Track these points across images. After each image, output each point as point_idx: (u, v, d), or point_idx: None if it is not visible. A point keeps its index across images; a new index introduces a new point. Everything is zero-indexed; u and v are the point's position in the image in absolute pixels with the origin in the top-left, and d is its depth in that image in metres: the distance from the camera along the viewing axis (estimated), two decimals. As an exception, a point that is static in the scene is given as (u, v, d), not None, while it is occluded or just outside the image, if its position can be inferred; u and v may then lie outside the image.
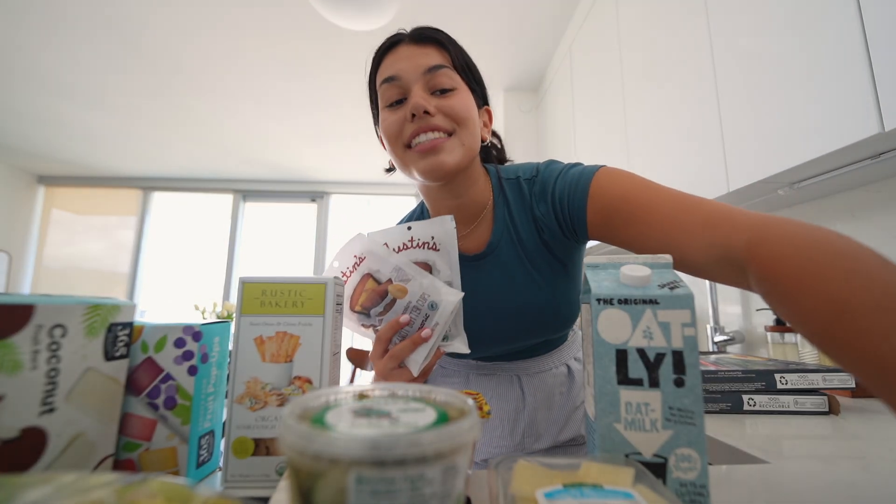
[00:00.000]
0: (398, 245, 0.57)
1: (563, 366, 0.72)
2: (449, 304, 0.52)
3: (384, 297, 0.53)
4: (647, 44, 1.39)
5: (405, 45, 0.57)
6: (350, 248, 0.56)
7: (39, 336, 0.30)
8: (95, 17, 2.05)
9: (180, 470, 0.39)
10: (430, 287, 0.53)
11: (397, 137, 0.56)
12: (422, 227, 0.56)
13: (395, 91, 0.56)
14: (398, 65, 0.55)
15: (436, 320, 0.52)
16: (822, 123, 0.75)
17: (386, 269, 0.54)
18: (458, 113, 0.55)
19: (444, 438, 0.18)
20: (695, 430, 0.30)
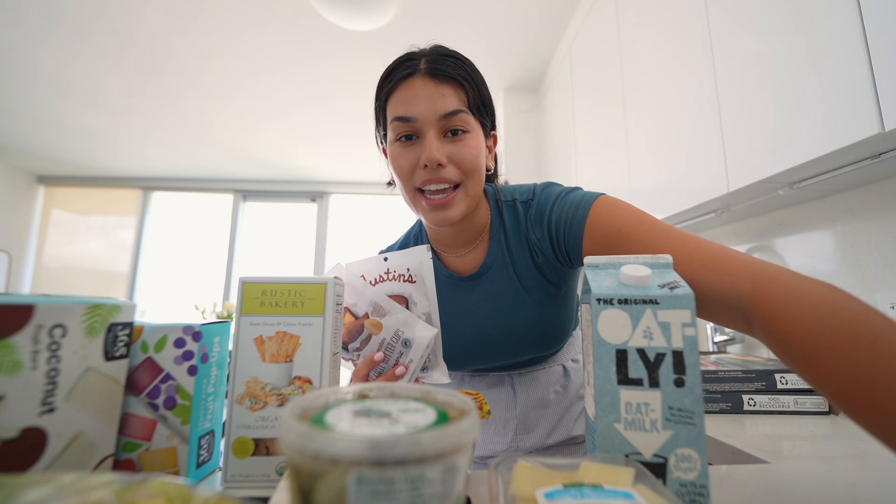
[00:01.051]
0: (375, 277, 0.56)
1: (559, 366, 0.72)
2: (423, 339, 0.52)
3: (361, 331, 0.53)
4: (646, 44, 1.39)
5: (421, 78, 0.55)
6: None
7: (39, 336, 0.30)
8: (96, 17, 2.05)
9: (180, 470, 0.39)
10: (405, 323, 0.52)
11: (408, 179, 0.57)
12: (398, 258, 0.56)
13: (408, 129, 0.55)
14: (414, 105, 0.54)
15: (410, 357, 0.51)
16: (822, 123, 0.75)
17: (362, 303, 0.53)
18: (468, 164, 0.56)
19: (445, 438, 0.18)
20: (695, 431, 0.30)
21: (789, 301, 0.35)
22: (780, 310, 0.35)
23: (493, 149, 0.66)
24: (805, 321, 0.33)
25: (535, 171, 2.71)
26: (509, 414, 0.69)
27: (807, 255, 1.12)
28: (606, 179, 1.72)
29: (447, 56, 0.57)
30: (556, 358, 0.73)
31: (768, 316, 0.36)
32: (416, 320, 0.53)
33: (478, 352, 0.65)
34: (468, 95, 0.57)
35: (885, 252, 0.92)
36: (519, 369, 0.71)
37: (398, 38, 2.20)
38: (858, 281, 0.98)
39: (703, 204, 1.12)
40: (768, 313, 0.36)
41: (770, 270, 0.39)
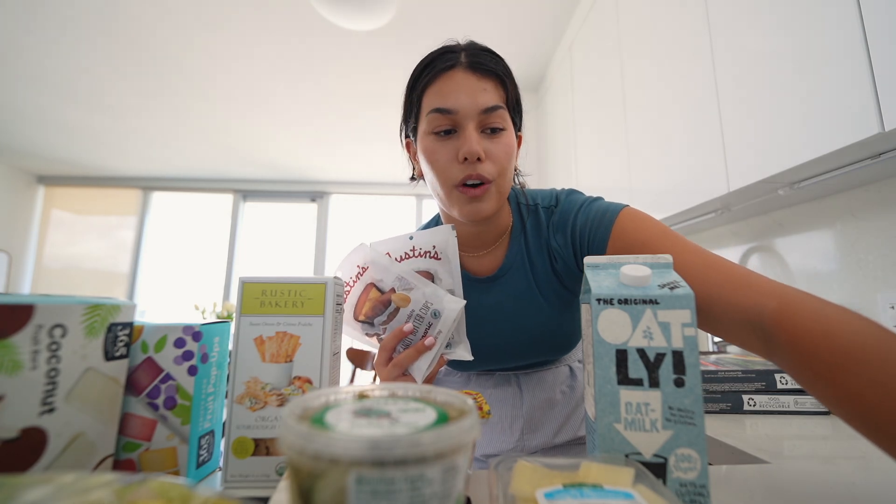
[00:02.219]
0: (400, 255, 0.57)
1: (565, 366, 0.73)
2: (452, 311, 0.52)
3: (387, 306, 0.54)
4: (647, 44, 1.39)
5: (462, 71, 0.55)
6: (353, 258, 0.56)
7: (39, 336, 0.30)
8: (96, 17, 2.05)
9: (180, 470, 0.39)
10: (433, 295, 0.53)
11: (446, 172, 0.55)
12: (423, 236, 0.57)
13: (447, 122, 0.54)
14: (456, 97, 0.53)
15: (439, 328, 0.52)
16: (823, 123, 0.75)
17: (389, 279, 0.54)
18: (503, 161, 0.55)
19: (444, 438, 0.18)
20: (695, 431, 0.30)
21: (816, 317, 0.35)
22: (807, 325, 0.35)
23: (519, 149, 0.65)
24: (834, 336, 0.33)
25: (536, 171, 2.71)
26: (516, 413, 0.69)
27: (807, 255, 1.12)
28: (607, 179, 1.72)
29: (487, 51, 0.57)
30: (564, 359, 0.73)
31: (795, 331, 0.35)
32: (443, 293, 0.53)
33: (490, 353, 0.65)
34: (507, 92, 0.57)
35: (885, 252, 0.92)
36: (526, 370, 0.71)
37: (398, 38, 2.20)
38: (858, 281, 0.98)
39: (703, 204, 1.12)
40: (795, 328, 0.35)
41: (794, 291, 0.39)
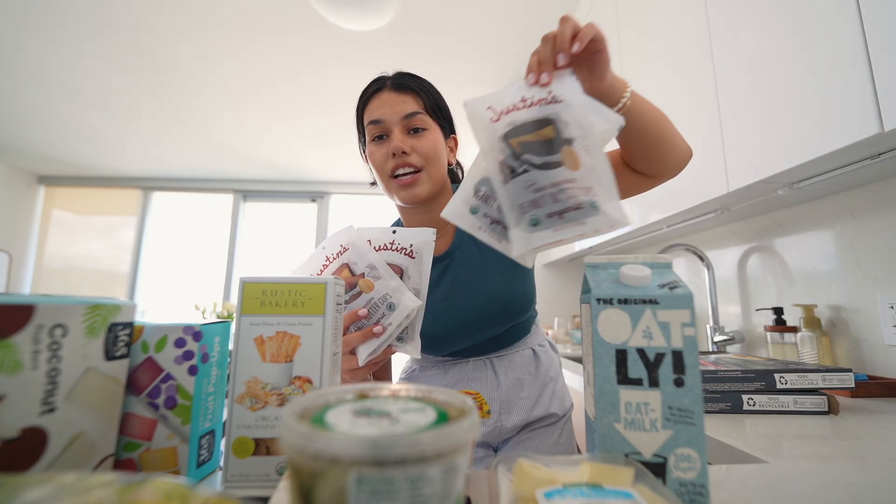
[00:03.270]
0: (380, 244, 0.62)
1: (528, 349, 0.81)
2: (405, 308, 0.57)
3: (353, 287, 0.59)
4: (646, 44, 1.39)
5: (388, 91, 0.71)
6: (339, 237, 0.62)
7: (40, 336, 0.30)
8: (96, 17, 2.05)
9: (181, 470, 0.39)
10: (395, 290, 0.58)
11: (382, 168, 0.70)
12: (405, 234, 0.62)
13: (379, 129, 0.70)
14: (382, 110, 0.69)
15: (390, 320, 0.57)
16: (822, 123, 0.75)
17: (362, 264, 0.60)
18: (428, 153, 0.70)
19: (444, 438, 0.18)
20: (694, 430, 0.30)
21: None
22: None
23: (455, 150, 0.80)
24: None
25: (535, 171, 2.71)
26: (492, 395, 0.76)
27: (806, 255, 1.12)
28: (606, 179, 1.72)
29: (407, 75, 0.73)
30: (526, 342, 0.81)
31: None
32: (405, 290, 0.59)
33: (458, 326, 0.73)
34: (424, 101, 0.72)
35: (884, 252, 0.93)
36: (496, 351, 0.78)
37: (398, 39, 2.20)
38: (858, 281, 0.98)
39: (702, 204, 1.12)
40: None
41: None
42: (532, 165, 0.46)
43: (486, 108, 0.48)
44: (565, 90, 0.47)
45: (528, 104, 0.47)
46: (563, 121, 0.46)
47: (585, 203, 0.44)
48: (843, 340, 1.01)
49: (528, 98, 0.48)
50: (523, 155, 0.46)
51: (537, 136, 0.46)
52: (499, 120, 0.48)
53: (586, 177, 0.45)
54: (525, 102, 0.47)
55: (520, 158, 0.46)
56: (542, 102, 0.47)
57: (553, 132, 0.46)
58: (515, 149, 0.46)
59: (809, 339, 1.01)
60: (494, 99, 0.49)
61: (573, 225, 0.44)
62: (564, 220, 0.45)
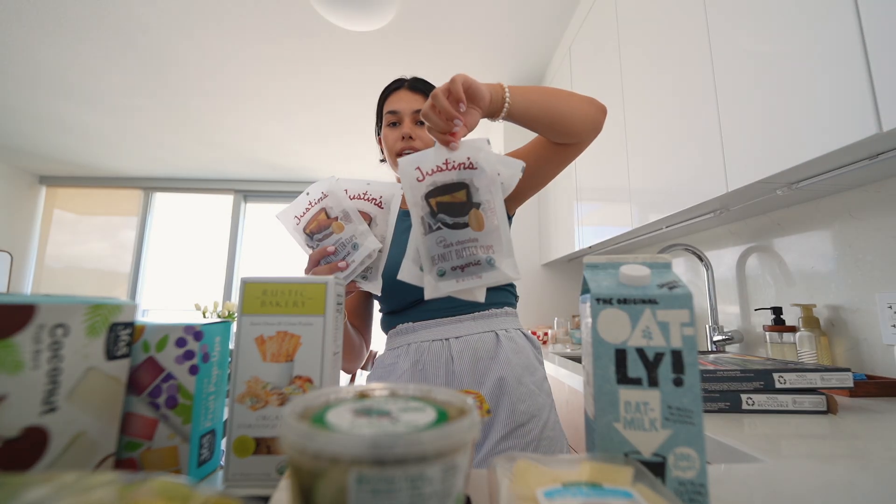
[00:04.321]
0: (354, 194, 0.71)
1: (491, 332, 0.80)
2: (366, 248, 0.67)
3: (326, 228, 0.68)
4: (646, 44, 1.39)
5: (405, 90, 0.89)
6: (321, 185, 0.71)
7: (41, 336, 0.30)
8: (97, 17, 2.05)
9: (181, 469, 0.39)
10: (361, 233, 0.68)
11: (392, 147, 0.86)
12: (377, 186, 0.71)
13: (395, 118, 0.87)
14: (399, 104, 0.87)
15: (353, 258, 0.67)
16: (821, 124, 0.76)
17: (337, 209, 0.69)
18: (428, 141, 0.84)
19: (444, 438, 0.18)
20: (694, 430, 0.31)
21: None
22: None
23: None
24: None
25: (535, 171, 2.71)
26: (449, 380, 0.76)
27: (805, 254, 1.12)
28: (606, 179, 1.72)
29: (421, 80, 0.91)
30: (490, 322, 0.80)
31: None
32: (370, 234, 0.68)
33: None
34: None
35: (883, 252, 0.93)
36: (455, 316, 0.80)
37: (398, 39, 2.20)
38: (856, 281, 0.98)
39: (701, 204, 1.12)
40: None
41: None
42: (444, 224, 0.54)
43: (415, 167, 0.57)
44: (480, 156, 0.55)
45: (450, 167, 0.55)
46: (475, 186, 0.54)
47: (483, 260, 0.53)
48: (842, 340, 1.01)
49: (451, 161, 0.56)
50: (438, 214, 0.55)
51: (452, 199, 0.55)
52: (423, 180, 0.56)
53: (488, 236, 0.53)
54: (448, 165, 0.56)
55: (436, 217, 0.55)
56: (461, 167, 0.55)
57: (465, 196, 0.54)
58: (433, 208, 0.55)
59: (808, 338, 1.01)
60: (423, 159, 0.57)
61: (472, 278, 0.53)
62: (465, 273, 0.53)
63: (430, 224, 0.55)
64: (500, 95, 0.63)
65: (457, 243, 0.54)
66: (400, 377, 0.78)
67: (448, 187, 0.55)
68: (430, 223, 0.55)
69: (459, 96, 0.55)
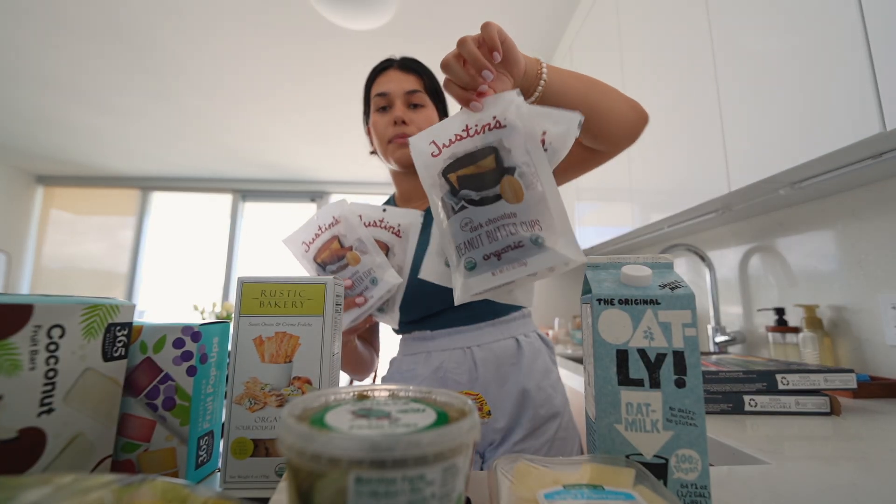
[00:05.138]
0: (369, 221, 0.66)
1: (511, 339, 0.77)
2: (387, 284, 0.62)
3: (341, 259, 0.63)
4: (647, 44, 1.39)
5: (394, 69, 0.81)
6: (331, 209, 0.66)
7: (38, 336, 0.30)
8: (95, 17, 2.05)
9: (179, 471, 0.39)
10: (379, 266, 0.63)
11: (382, 134, 0.79)
12: (394, 213, 0.66)
13: (384, 101, 0.79)
14: (388, 85, 0.79)
15: (372, 293, 0.62)
16: (824, 123, 0.75)
17: (351, 237, 0.64)
18: (422, 125, 0.78)
19: (444, 439, 0.18)
20: (696, 431, 0.30)
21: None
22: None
23: None
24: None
25: (536, 172, 2.71)
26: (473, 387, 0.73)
27: (808, 254, 1.11)
28: (607, 180, 1.72)
29: (412, 59, 0.84)
30: (508, 327, 0.77)
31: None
32: (388, 267, 0.63)
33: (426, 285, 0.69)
34: (425, 82, 0.82)
35: (886, 252, 0.92)
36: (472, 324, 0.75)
37: (398, 38, 2.20)
38: (859, 281, 0.98)
39: (703, 204, 1.12)
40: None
41: None
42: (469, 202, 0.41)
43: (429, 142, 0.45)
44: (509, 111, 0.42)
45: (472, 132, 0.43)
46: (505, 148, 0.41)
47: (526, 240, 0.39)
48: (845, 341, 1.01)
49: (472, 126, 0.43)
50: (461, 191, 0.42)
51: (476, 169, 0.42)
52: (439, 154, 0.44)
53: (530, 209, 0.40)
54: (468, 131, 0.43)
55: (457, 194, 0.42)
56: (486, 129, 0.42)
57: (493, 162, 0.41)
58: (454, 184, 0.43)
59: (811, 339, 1.01)
60: (438, 131, 0.45)
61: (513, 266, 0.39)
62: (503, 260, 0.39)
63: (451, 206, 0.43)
64: (536, 71, 0.51)
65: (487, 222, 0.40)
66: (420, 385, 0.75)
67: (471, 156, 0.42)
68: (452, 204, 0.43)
69: (495, 44, 0.44)
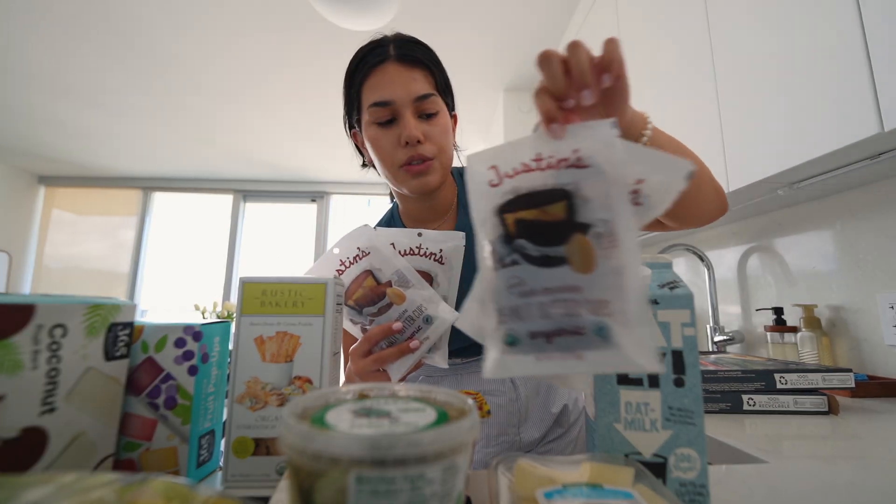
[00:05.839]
0: (405, 248, 0.55)
1: None
2: (444, 322, 0.51)
3: (381, 298, 0.52)
4: (646, 44, 1.39)
5: (393, 64, 0.60)
6: (355, 239, 0.55)
7: (40, 336, 0.30)
8: (97, 17, 2.05)
9: (180, 470, 0.39)
10: (429, 300, 0.52)
11: (390, 157, 0.61)
12: (433, 237, 0.56)
13: (387, 113, 0.60)
14: (390, 89, 0.59)
15: (427, 334, 0.51)
16: (822, 124, 0.75)
17: (388, 271, 0.53)
18: (440, 139, 0.62)
19: (444, 438, 0.18)
20: (694, 430, 0.30)
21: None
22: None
23: (455, 127, 0.72)
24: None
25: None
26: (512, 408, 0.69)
27: (806, 254, 1.12)
28: (606, 179, 1.72)
29: (413, 42, 0.63)
30: None
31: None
32: (439, 300, 0.52)
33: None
34: (436, 79, 0.64)
35: (884, 252, 0.93)
36: None
37: (398, 38, 2.20)
38: (858, 281, 0.98)
39: (703, 204, 1.12)
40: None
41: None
42: (524, 256, 0.31)
43: (490, 166, 0.35)
44: (597, 148, 0.32)
45: (544, 165, 0.33)
46: (581, 195, 0.31)
47: (589, 326, 0.29)
48: (844, 340, 1.01)
49: (545, 156, 0.33)
50: (517, 239, 0.32)
51: (541, 215, 0.32)
52: (499, 184, 0.34)
53: (600, 285, 0.30)
54: (539, 162, 0.33)
55: (511, 243, 0.32)
56: (563, 164, 0.32)
57: (563, 211, 0.31)
58: (509, 228, 0.32)
59: (809, 339, 1.01)
60: (502, 155, 0.35)
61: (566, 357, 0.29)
62: (554, 346, 0.29)
63: (501, 256, 0.32)
64: (642, 120, 0.45)
65: (543, 291, 0.30)
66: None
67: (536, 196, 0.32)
68: (503, 254, 0.32)
69: (612, 64, 0.34)
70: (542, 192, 0.32)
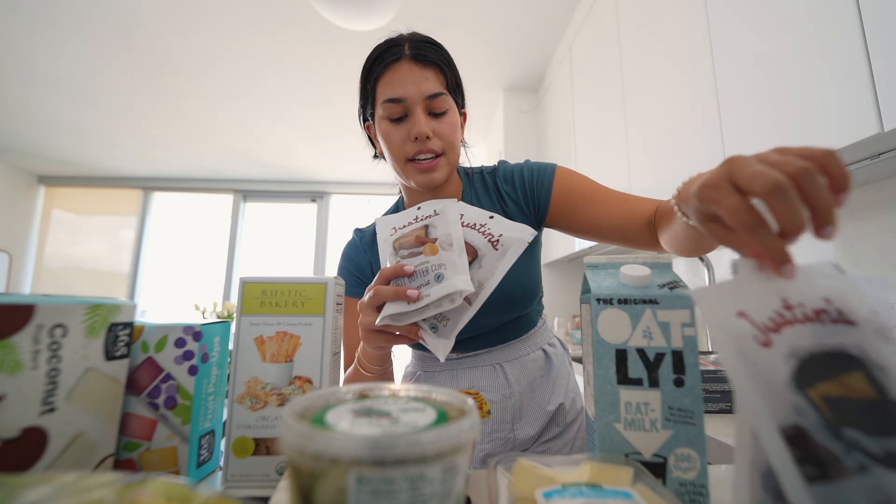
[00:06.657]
0: (470, 222, 0.58)
1: (539, 350, 0.77)
2: (450, 286, 0.49)
3: (418, 246, 0.55)
4: (647, 44, 1.39)
5: (407, 63, 0.64)
6: (436, 203, 0.61)
7: (40, 336, 0.30)
8: (97, 17, 2.05)
9: (181, 470, 0.39)
10: (454, 266, 0.51)
11: (400, 150, 0.65)
12: (502, 222, 0.57)
13: (399, 109, 0.64)
14: (403, 87, 0.63)
15: (430, 291, 0.50)
16: (822, 124, 0.75)
17: (441, 230, 0.56)
18: (449, 137, 0.66)
19: (444, 438, 0.18)
20: (694, 430, 0.30)
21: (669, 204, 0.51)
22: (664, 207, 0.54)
23: (464, 124, 0.76)
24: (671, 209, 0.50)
25: (535, 171, 2.71)
26: (506, 405, 0.72)
27: (806, 254, 1.12)
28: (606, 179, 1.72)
29: (427, 42, 0.67)
30: (535, 340, 0.77)
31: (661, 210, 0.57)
32: (464, 271, 0.51)
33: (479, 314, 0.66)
34: (447, 78, 0.67)
35: (884, 252, 0.93)
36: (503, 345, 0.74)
37: (398, 38, 2.20)
38: (858, 281, 0.98)
39: (702, 204, 1.12)
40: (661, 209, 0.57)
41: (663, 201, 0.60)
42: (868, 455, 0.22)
43: (737, 312, 0.26)
44: (853, 299, 0.26)
45: (799, 315, 0.26)
46: (875, 364, 0.24)
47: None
48: (843, 340, 1.01)
49: (794, 304, 0.26)
50: (842, 427, 0.23)
51: (844, 390, 0.24)
52: (769, 344, 0.25)
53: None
54: (792, 311, 0.26)
55: (839, 435, 0.22)
56: (826, 317, 0.25)
57: (867, 385, 0.24)
58: (823, 411, 0.23)
59: (809, 339, 1.01)
60: (739, 295, 0.27)
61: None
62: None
63: (831, 454, 0.22)
64: None
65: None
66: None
67: (822, 361, 0.24)
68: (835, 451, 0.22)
69: (843, 184, 0.29)
70: (822, 354, 0.24)
